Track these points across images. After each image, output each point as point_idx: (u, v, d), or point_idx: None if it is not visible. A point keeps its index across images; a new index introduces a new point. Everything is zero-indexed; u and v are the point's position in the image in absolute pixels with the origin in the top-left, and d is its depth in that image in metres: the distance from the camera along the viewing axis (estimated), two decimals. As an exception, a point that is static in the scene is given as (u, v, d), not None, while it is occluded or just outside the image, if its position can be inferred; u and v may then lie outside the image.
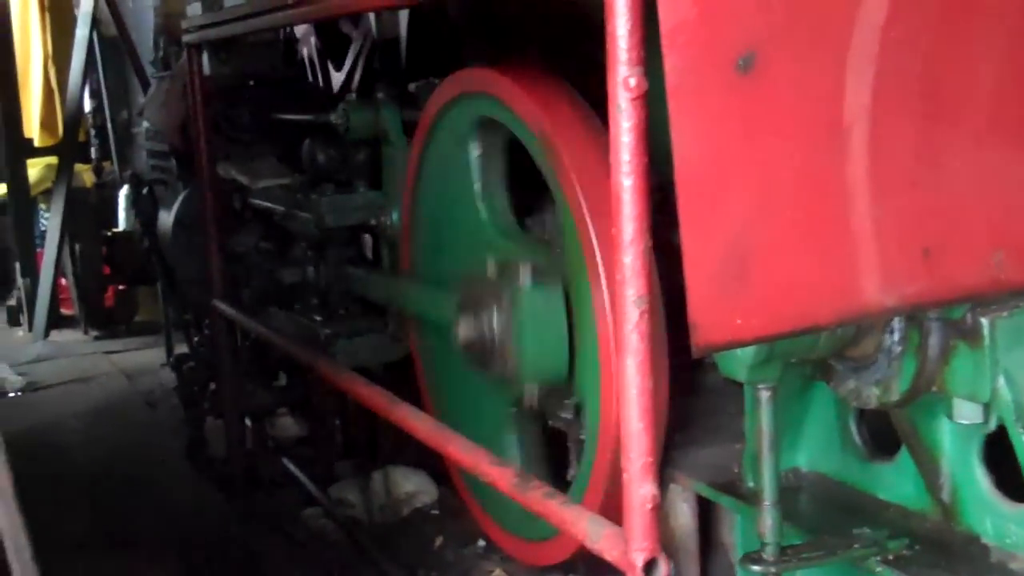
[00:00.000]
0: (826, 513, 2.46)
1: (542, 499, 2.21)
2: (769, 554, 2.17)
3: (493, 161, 3.18)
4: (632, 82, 1.72)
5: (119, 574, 4.14)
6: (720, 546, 3.03)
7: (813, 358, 2.16)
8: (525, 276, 2.79)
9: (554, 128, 2.72)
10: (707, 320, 1.76)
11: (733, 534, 2.90)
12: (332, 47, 4.88)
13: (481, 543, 4.13)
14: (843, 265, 1.84)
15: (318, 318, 4.13)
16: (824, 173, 1.82)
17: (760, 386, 2.10)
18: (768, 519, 2.16)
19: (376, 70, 4.48)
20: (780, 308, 1.81)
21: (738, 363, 2.08)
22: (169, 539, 4.46)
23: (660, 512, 1.92)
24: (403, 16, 4.47)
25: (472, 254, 3.12)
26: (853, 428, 2.50)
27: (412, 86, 3.97)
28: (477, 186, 3.14)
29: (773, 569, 2.16)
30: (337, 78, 4.76)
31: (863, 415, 2.52)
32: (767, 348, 2.05)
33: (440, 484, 4.55)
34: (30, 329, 8.55)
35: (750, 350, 2.05)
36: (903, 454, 2.37)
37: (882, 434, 2.57)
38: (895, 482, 2.41)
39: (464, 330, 2.95)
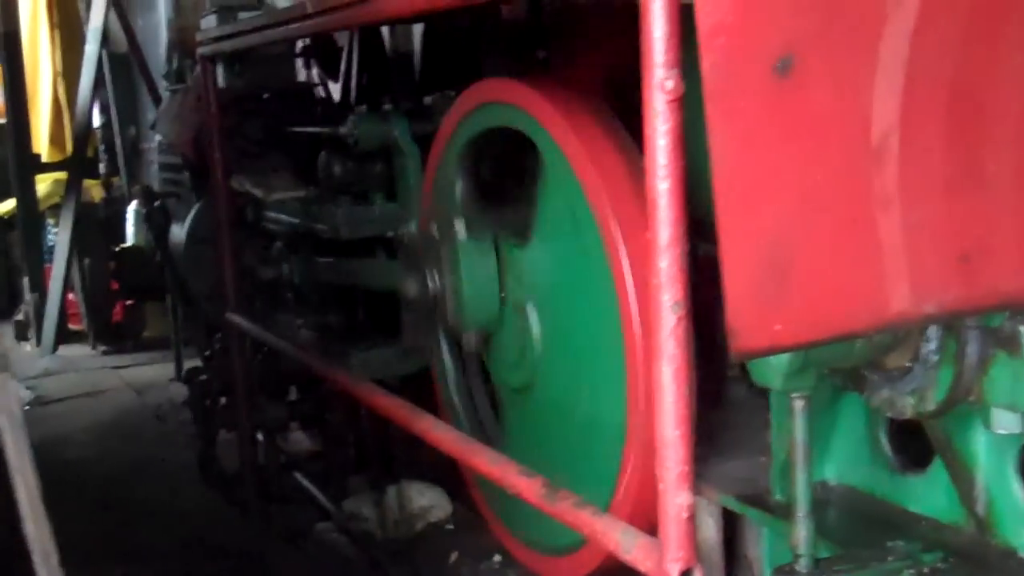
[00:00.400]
0: (856, 526, 2.42)
1: (572, 509, 2.18)
2: (803, 567, 2.14)
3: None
4: (669, 84, 1.70)
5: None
6: (743, 560, 2.99)
7: (847, 367, 2.13)
8: (460, 230, 3.05)
9: (579, 141, 2.70)
10: (746, 326, 1.73)
11: (758, 548, 2.87)
12: (328, 59, 4.89)
13: (497, 558, 4.10)
14: (881, 271, 1.80)
15: (331, 330, 4.11)
16: (861, 178, 1.79)
17: (794, 395, 2.07)
18: (802, 530, 2.13)
19: (380, 82, 4.49)
20: (819, 314, 1.78)
21: (773, 371, 2.05)
22: (181, 553, 4.43)
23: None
24: (417, 30, 4.48)
25: None
26: (883, 440, 2.47)
27: (427, 99, 3.97)
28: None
29: (807, 582, 2.12)
30: (334, 89, 4.77)
31: (893, 427, 2.49)
32: (802, 356, 2.02)
33: (454, 499, 4.52)
34: (38, 344, 8.54)
35: (785, 358, 2.02)
36: (935, 466, 2.33)
37: (912, 446, 2.54)
38: (927, 494, 2.37)
39: (409, 288, 3.22)
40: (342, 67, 4.72)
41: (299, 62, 4.83)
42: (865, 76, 1.77)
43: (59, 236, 8.47)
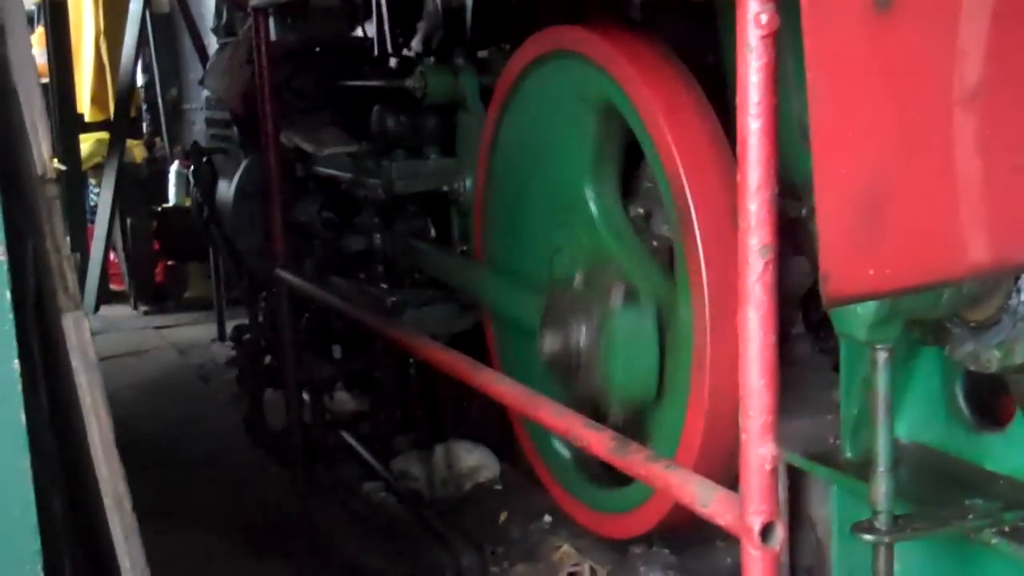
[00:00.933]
0: (931, 484, 2.37)
1: (644, 462, 2.13)
2: (882, 523, 2.08)
3: (608, 145, 2.99)
4: (764, 19, 1.63)
5: (182, 546, 4.10)
6: (807, 520, 2.94)
7: (932, 318, 2.07)
8: (617, 296, 2.78)
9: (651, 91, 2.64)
10: (839, 270, 1.67)
11: (823, 507, 2.82)
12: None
13: (547, 519, 4.05)
14: (976, 217, 1.74)
15: (384, 287, 4.07)
16: (958, 120, 1.73)
17: (878, 346, 2.01)
18: (882, 486, 2.08)
19: (442, 37, 4.42)
20: (914, 260, 1.72)
21: (858, 320, 1.99)
22: (231, 512, 4.43)
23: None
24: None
25: (567, 240, 3.07)
26: (960, 396, 2.41)
27: (482, 53, 3.90)
28: (587, 175, 3.00)
29: (887, 539, 2.07)
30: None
31: (969, 383, 2.43)
32: (889, 305, 1.96)
33: (502, 460, 4.49)
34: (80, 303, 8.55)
35: (871, 306, 1.96)
36: (1016, 423, 2.27)
37: (986, 404, 2.48)
38: (1006, 453, 2.31)
39: (549, 344, 2.94)
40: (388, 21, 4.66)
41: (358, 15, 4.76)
42: (966, 14, 1.71)
43: (101, 196, 8.48)
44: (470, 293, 3.68)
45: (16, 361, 1.53)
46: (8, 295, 1.53)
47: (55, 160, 1.78)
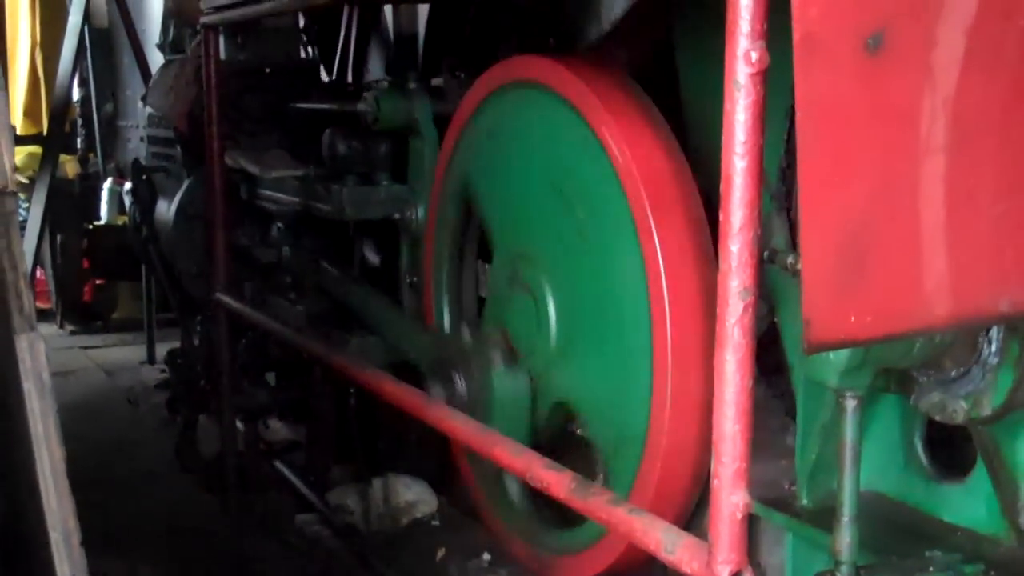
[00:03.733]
0: (890, 535, 2.34)
1: (606, 505, 2.08)
2: (844, 574, 2.04)
3: None
4: (754, 56, 1.61)
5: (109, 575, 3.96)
6: (757, 567, 2.90)
7: (903, 367, 2.05)
8: (497, 360, 2.97)
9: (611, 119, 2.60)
10: (821, 316, 1.64)
11: (775, 554, 2.78)
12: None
13: (486, 556, 3.98)
14: (962, 265, 1.72)
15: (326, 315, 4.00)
16: (945, 166, 1.71)
17: (848, 393, 1.98)
18: (846, 536, 2.04)
19: (391, 63, 4.37)
20: (896, 307, 1.69)
21: (830, 367, 1.96)
22: (160, 541, 4.29)
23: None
24: (422, 11, 4.37)
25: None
26: (919, 446, 2.39)
27: (435, 80, 3.86)
28: None
29: (849, 590, 2.03)
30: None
31: (929, 433, 2.42)
32: (861, 353, 1.93)
33: (440, 495, 4.40)
34: (4, 321, 8.32)
35: (844, 354, 1.93)
36: (976, 474, 2.26)
37: (941, 455, 2.47)
38: (964, 504, 2.29)
39: (434, 394, 3.08)
40: (341, 44, 4.61)
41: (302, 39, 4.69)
42: (955, 61, 1.69)
43: (31, 211, 8.24)
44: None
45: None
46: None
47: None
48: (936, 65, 1.67)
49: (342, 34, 4.75)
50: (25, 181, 8.71)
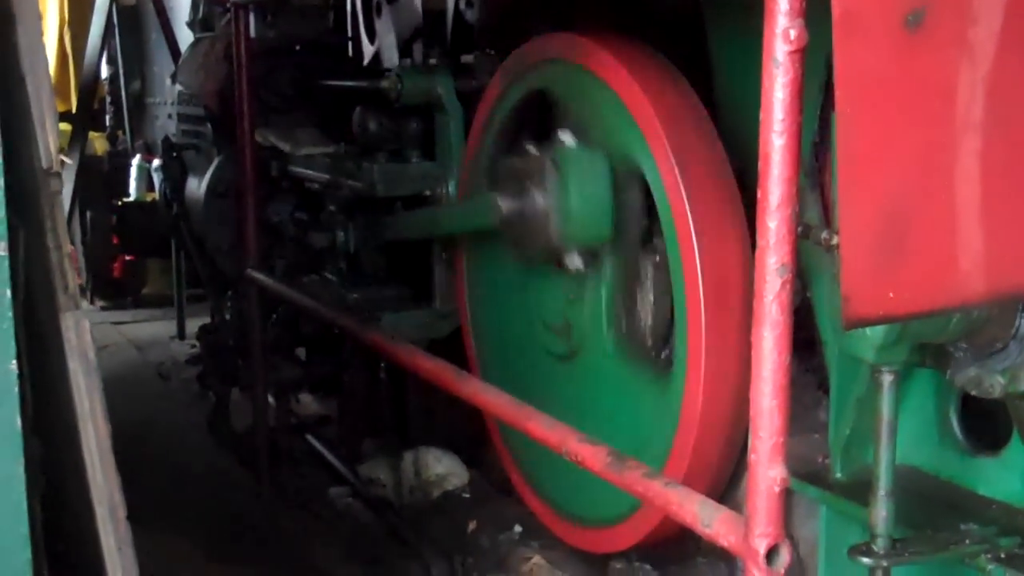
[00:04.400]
0: (925, 509, 2.35)
1: (642, 479, 2.10)
2: (880, 547, 2.06)
3: None
4: (793, 34, 1.61)
5: (145, 550, 4.00)
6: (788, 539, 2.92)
7: (940, 341, 2.06)
8: (567, 137, 2.78)
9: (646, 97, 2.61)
10: (860, 293, 1.65)
11: (807, 527, 2.80)
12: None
13: (517, 528, 4.01)
14: (999, 241, 1.72)
15: (356, 290, 4.01)
16: (984, 143, 1.71)
17: (885, 369, 1.99)
18: (882, 510, 2.06)
19: (424, 41, 4.37)
20: (934, 283, 1.70)
21: (867, 343, 1.97)
22: (194, 516, 4.33)
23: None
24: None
25: None
26: (954, 420, 2.40)
27: (466, 57, 3.86)
28: None
29: (884, 562, 2.05)
30: (369, 50, 4.65)
31: (964, 407, 2.42)
32: (898, 329, 1.94)
33: (470, 468, 4.44)
34: (36, 297, 8.39)
35: (880, 330, 1.94)
36: (1011, 448, 2.26)
37: (977, 429, 2.47)
38: (999, 478, 2.30)
39: (505, 204, 2.91)
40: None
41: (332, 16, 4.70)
42: (994, 37, 1.69)
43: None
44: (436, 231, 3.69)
45: (14, 362, 1.47)
46: (8, 293, 1.46)
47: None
48: (975, 42, 1.66)
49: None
50: (56, 159, 8.78)
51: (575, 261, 2.85)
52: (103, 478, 1.73)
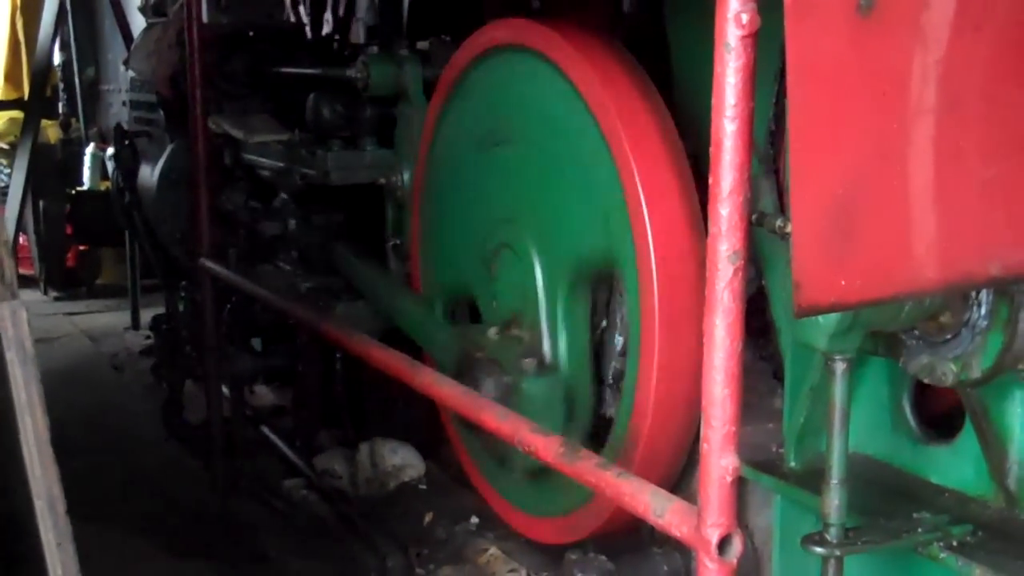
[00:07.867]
0: (877, 497, 2.34)
1: (594, 469, 2.08)
2: (833, 536, 2.05)
3: None
4: (745, 18, 1.59)
5: (99, 544, 3.94)
6: (743, 528, 2.91)
7: (892, 329, 2.05)
8: (529, 367, 2.78)
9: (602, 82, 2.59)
10: (811, 280, 1.63)
11: (761, 516, 2.79)
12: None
13: (474, 520, 3.99)
14: (951, 229, 1.72)
15: (309, 279, 3.97)
16: (936, 129, 1.70)
17: (837, 357, 1.98)
18: (835, 498, 2.04)
19: (377, 27, 4.32)
20: (885, 271, 1.69)
21: (819, 331, 1.96)
22: (148, 508, 4.29)
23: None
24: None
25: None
26: (907, 408, 2.40)
27: (422, 44, 3.82)
28: None
29: (838, 551, 2.04)
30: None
31: (917, 395, 2.42)
32: (850, 316, 1.93)
33: (426, 459, 4.40)
34: (-13, 288, 8.26)
35: (833, 318, 1.93)
36: (964, 437, 2.26)
37: (933, 417, 2.47)
38: (952, 466, 2.30)
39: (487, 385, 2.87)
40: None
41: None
42: (946, 24, 1.68)
43: (13, 177, 8.19)
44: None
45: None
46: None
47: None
48: (927, 27, 1.65)
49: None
50: (6, 147, 8.66)
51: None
52: (41, 471, 1.68)
